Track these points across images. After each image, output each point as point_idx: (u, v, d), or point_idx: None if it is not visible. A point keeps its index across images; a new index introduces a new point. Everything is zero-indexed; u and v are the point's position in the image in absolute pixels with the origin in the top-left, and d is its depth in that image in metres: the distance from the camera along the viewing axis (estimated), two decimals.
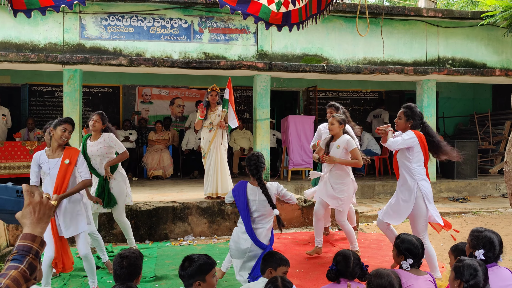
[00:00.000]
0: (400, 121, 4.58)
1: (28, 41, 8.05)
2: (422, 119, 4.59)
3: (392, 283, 2.65)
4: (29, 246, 1.46)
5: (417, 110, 4.57)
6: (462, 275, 2.72)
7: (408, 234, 3.31)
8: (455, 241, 3.86)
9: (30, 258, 1.44)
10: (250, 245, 3.91)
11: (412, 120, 4.51)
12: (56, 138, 4.21)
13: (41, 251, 1.50)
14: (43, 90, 10.69)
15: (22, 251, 1.45)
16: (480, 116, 11.58)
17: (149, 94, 11.18)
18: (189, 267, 2.73)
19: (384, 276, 2.69)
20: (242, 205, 3.96)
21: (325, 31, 9.02)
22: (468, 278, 2.69)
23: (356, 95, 12.13)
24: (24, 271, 1.40)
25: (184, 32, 8.50)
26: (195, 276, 2.70)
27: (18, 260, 1.42)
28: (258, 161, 3.99)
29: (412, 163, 4.45)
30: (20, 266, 1.41)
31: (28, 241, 1.47)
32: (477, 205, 8.46)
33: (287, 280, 2.79)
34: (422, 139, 4.45)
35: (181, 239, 6.43)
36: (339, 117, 5.34)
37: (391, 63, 9.30)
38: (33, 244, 1.47)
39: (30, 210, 1.55)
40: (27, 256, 1.44)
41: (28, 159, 8.38)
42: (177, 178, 10.01)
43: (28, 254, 1.45)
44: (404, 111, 4.55)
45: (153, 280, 4.70)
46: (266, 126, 8.94)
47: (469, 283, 2.68)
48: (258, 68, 8.49)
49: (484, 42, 9.72)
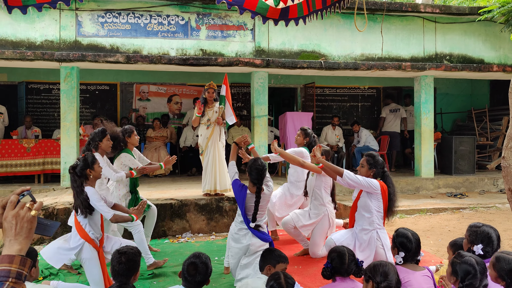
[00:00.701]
0: (363, 169, 4.44)
1: (24, 39, 8.01)
2: (383, 168, 4.45)
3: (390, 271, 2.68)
4: (6, 270, 1.34)
5: (379, 159, 4.45)
6: (458, 274, 2.72)
7: (406, 228, 3.31)
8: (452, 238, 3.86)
9: (10, 283, 1.33)
10: (251, 241, 3.99)
11: (374, 169, 4.40)
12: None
13: (24, 271, 1.37)
14: (40, 88, 10.66)
15: (0, 277, 1.33)
16: (478, 112, 11.58)
17: (147, 91, 11.15)
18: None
19: (382, 265, 2.72)
20: (241, 208, 4.13)
21: (323, 27, 9.00)
22: (464, 278, 2.69)
23: (354, 91, 12.12)
24: None
25: (181, 29, 8.47)
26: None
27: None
28: (262, 172, 4.08)
29: (372, 209, 4.30)
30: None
31: (5, 265, 1.35)
32: (475, 200, 8.47)
33: (289, 277, 2.79)
34: (384, 187, 4.32)
35: (179, 236, 6.42)
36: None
37: (389, 59, 9.29)
38: (11, 267, 1.35)
39: (6, 225, 1.42)
40: (6, 281, 1.33)
41: (26, 157, 8.36)
42: (175, 175, 10.00)
43: (7, 279, 1.33)
44: (367, 159, 4.44)
45: (151, 277, 4.70)
46: (264, 123, 8.93)
47: (464, 282, 2.68)
48: (255, 64, 8.47)
49: (482, 38, 9.71)
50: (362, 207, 4.33)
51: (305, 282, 4.34)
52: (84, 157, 3.90)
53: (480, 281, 2.68)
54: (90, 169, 3.85)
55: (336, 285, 3.03)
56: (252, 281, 3.35)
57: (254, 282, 3.31)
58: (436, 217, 7.34)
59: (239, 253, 4.09)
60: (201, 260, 2.96)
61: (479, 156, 10.93)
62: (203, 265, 2.93)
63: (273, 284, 2.71)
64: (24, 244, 1.41)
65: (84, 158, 3.87)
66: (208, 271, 2.94)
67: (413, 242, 3.15)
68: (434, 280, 3.09)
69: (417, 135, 9.75)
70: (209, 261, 3.01)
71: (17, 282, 1.34)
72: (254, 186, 4.07)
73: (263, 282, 3.05)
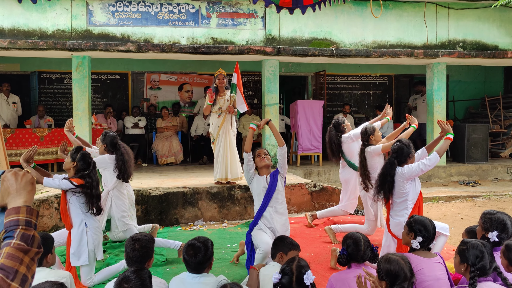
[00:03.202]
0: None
1: (36, 28, 8.05)
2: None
3: (402, 268, 2.63)
4: (15, 220, 1.37)
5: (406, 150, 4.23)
6: (468, 259, 2.70)
7: (422, 216, 3.30)
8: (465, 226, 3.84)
9: (21, 229, 1.36)
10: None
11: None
12: None
13: (32, 219, 1.39)
14: (52, 77, 10.73)
15: (9, 227, 1.36)
16: (492, 99, 11.43)
17: (158, 80, 11.17)
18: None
19: (393, 261, 2.65)
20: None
21: (334, 15, 8.91)
22: (475, 262, 2.68)
23: (365, 79, 12.03)
24: (18, 244, 1.32)
25: (192, 17, 8.45)
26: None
27: (8, 236, 1.34)
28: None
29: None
30: (12, 241, 1.32)
31: (12, 216, 1.38)
32: (487, 188, 8.41)
33: (303, 264, 2.74)
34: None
35: (191, 224, 6.48)
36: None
37: (401, 46, 9.18)
38: (19, 216, 1.38)
39: (6, 184, 1.46)
40: (16, 229, 1.35)
41: (39, 146, 8.44)
42: (187, 164, 10.05)
43: (17, 227, 1.36)
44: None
45: (164, 264, 4.75)
46: (275, 111, 8.91)
47: (476, 266, 2.67)
48: (266, 52, 8.43)
49: (496, 24, 9.54)
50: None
51: (317, 270, 4.36)
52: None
53: (490, 263, 2.67)
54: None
55: (351, 271, 3.03)
56: (264, 269, 3.37)
57: (266, 269, 3.33)
58: (449, 205, 7.31)
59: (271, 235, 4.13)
60: (199, 240, 2.99)
61: (492, 144, 10.81)
62: (201, 244, 2.96)
63: (285, 267, 2.72)
64: (28, 197, 1.44)
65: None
66: (207, 253, 2.95)
67: (431, 228, 3.13)
68: (446, 267, 3.08)
69: (429, 123, 9.66)
70: (210, 244, 3.02)
71: (28, 228, 1.37)
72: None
73: (274, 269, 3.06)
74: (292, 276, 2.62)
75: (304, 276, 2.60)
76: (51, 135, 8.58)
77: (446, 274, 3.02)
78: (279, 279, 2.65)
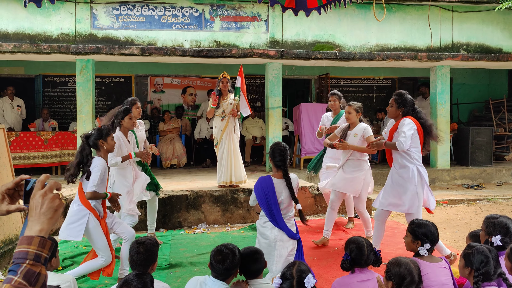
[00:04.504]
0: (392, 108, 4.52)
1: (41, 32, 8.09)
2: (413, 105, 4.49)
3: (411, 272, 2.63)
4: (24, 252, 1.28)
5: (408, 96, 4.48)
6: (473, 263, 2.69)
7: (422, 219, 3.28)
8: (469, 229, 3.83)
9: (27, 265, 1.26)
10: (276, 233, 3.88)
11: (403, 107, 4.44)
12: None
13: (43, 253, 1.30)
14: (56, 80, 10.77)
15: (17, 259, 1.27)
16: (496, 102, 11.40)
17: (161, 83, 11.20)
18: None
19: (403, 264, 2.66)
20: (272, 199, 3.89)
21: (337, 18, 8.92)
22: (479, 266, 2.67)
23: (368, 82, 12.02)
24: (19, 283, 1.23)
25: (195, 21, 8.47)
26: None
27: (13, 271, 1.25)
28: (285, 153, 3.99)
29: (410, 147, 4.40)
30: (14, 278, 1.23)
31: (23, 246, 1.29)
32: (492, 192, 8.37)
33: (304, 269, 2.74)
34: (417, 123, 4.42)
35: (194, 227, 6.47)
36: (355, 105, 5.26)
37: (404, 49, 9.18)
38: (29, 248, 1.28)
39: (32, 204, 1.37)
40: (22, 264, 1.26)
41: (43, 149, 8.48)
42: (190, 167, 10.05)
43: (24, 261, 1.27)
44: (395, 98, 4.48)
45: (167, 268, 4.75)
46: (278, 114, 8.92)
47: (480, 271, 2.65)
48: (269, 56, 8.44)
49: (500, 27, 9.53)
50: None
51: (321, 274, 4.35)
52: (99, 128, 3.95)
53: (495, 268, 2.66)
54: (103, 141, 3.90)
55: (355, 276, 3.02)
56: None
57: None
58: (453, 208, 7.28)
59: (267, 248, 3.88)
60: (227, 247, 2.96)
61: (496, 147, 10.78)
62: (229, 251, 2.93)
63: (285, 272, 2.71)
64: (46, 225, 1.35)
65: (99, 129, 3.93)
66: (235, 259, 2.93)
67: (435, 232, 3.12)
68: (451, 271, 3.07)
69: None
70: (238, 251, 2.99)
71: (35, 264, 1.27)
72: (279, 170, 3.96)
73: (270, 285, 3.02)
74: (293, 281, 2.62)
75: (305, 280, 2.59)
76: (55, 138, 8.60)
77: (451, 279, 3.01)
78: (280, 284, 2.65)
